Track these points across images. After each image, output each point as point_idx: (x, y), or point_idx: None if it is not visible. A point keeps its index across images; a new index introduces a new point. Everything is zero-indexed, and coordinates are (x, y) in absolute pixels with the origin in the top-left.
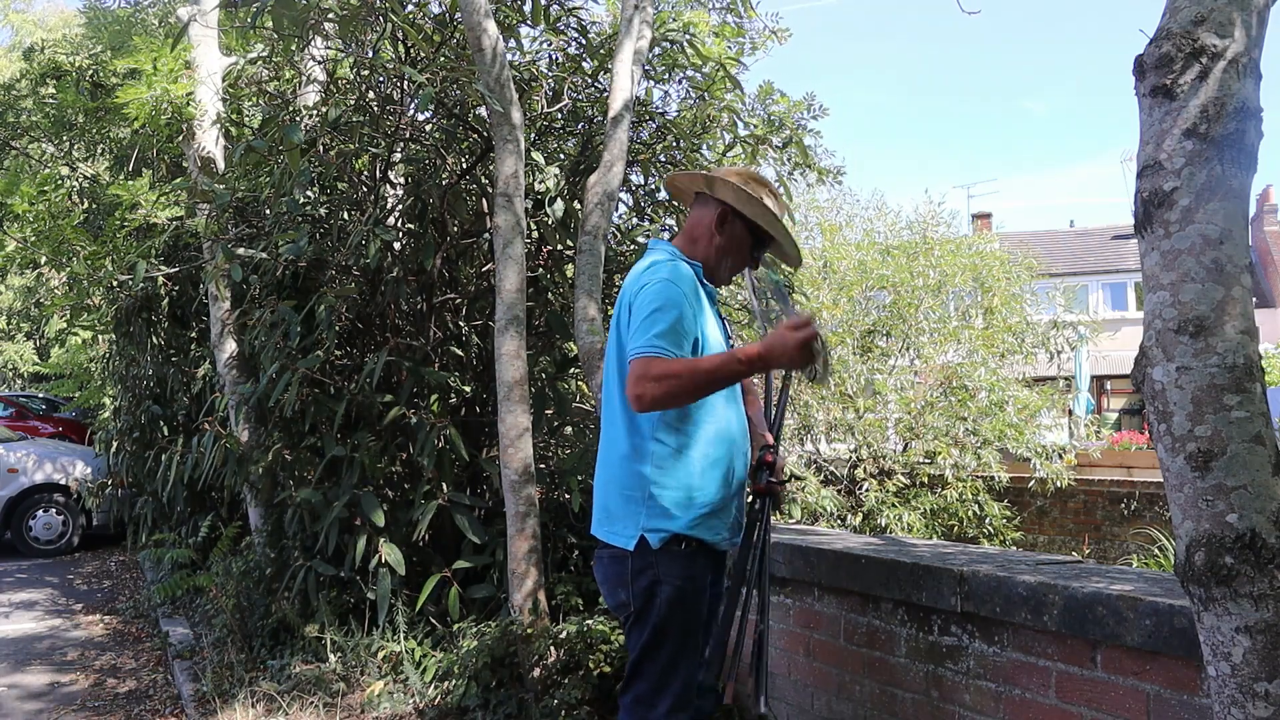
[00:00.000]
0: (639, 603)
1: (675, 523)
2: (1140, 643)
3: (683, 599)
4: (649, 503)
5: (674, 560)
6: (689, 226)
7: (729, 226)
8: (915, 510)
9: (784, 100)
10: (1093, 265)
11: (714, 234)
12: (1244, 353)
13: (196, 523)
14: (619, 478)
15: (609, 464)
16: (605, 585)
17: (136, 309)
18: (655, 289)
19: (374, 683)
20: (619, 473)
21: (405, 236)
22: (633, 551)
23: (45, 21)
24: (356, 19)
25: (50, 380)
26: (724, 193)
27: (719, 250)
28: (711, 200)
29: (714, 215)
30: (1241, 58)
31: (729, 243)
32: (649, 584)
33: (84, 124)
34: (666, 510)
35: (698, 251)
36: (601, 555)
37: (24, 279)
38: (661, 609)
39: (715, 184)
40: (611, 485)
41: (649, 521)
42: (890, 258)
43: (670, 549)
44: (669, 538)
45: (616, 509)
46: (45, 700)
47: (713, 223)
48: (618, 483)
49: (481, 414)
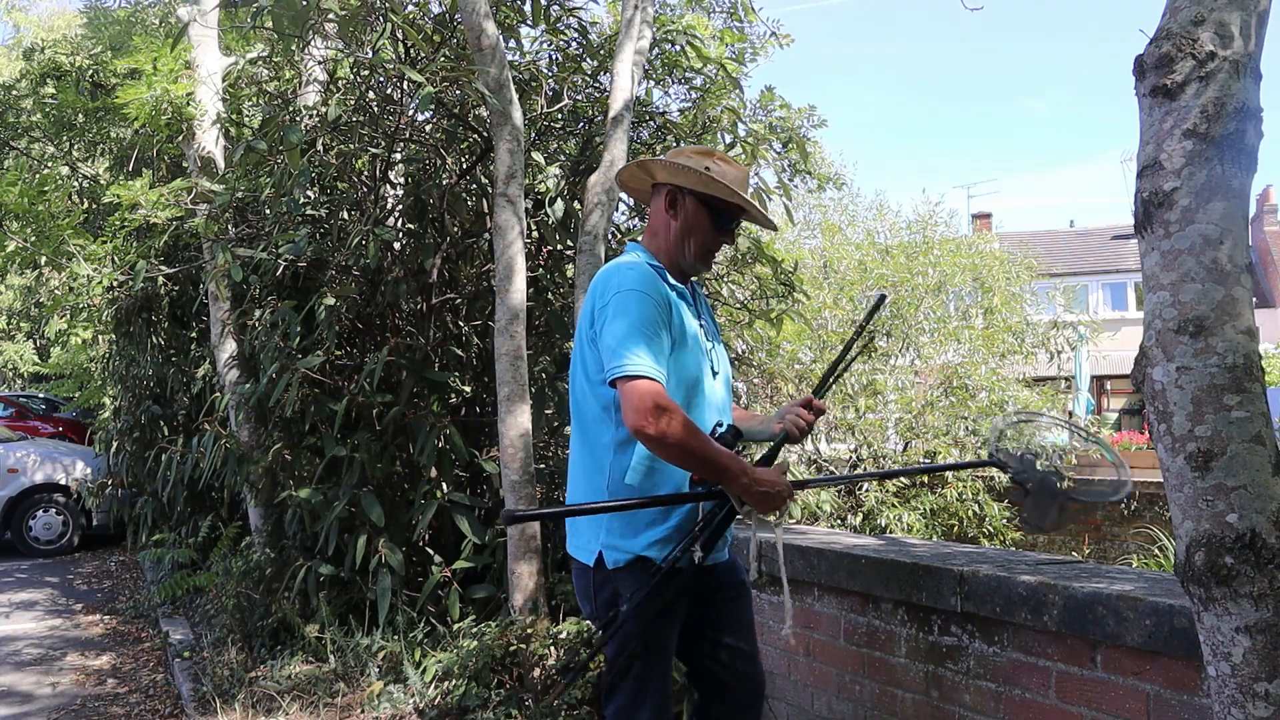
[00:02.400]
0: (603, 617)
1: (634, 543)
2: (1140, 643)
3: (643, 613)
4: (608, 520)
5: (633, 577)
6: (649, 221)
7: (680, 207)
8: (915, 510)
9: (784, 108)
10: (1093, 265)
11: (669, 219)
12: (1244, 353)
13: (196, 523)
14: (581, 490)
15: (573, 474)
16: (577, 595)
17: (136, 309)
18: (619, 300)
19: (374, 683)
20: (581, 484)
21: (405, 236)
22: (592, 567)
23: (46, 21)
24: (356, 19)
25: (50, 380)
26: (661, 173)
27: (679, 235)
28: (658, 185)
29: (663, 199)
30: (1241, 58)
31: (685, 223)
32: (610, 598)
33: (84, 124)
34: (625, 529)
35: (660, 244)
36: (574, 565)
37: (24, 279)
38: (625, 623)
39: (653, 167)
40: (576, 496)
41: (608, 539)
42: (890, 258)
43: (631, 567)
44: (631, 559)
45: (577, 522)
46: (45, 700)
47: (663, 207)
48: (581, 495)
49: (481, 414)
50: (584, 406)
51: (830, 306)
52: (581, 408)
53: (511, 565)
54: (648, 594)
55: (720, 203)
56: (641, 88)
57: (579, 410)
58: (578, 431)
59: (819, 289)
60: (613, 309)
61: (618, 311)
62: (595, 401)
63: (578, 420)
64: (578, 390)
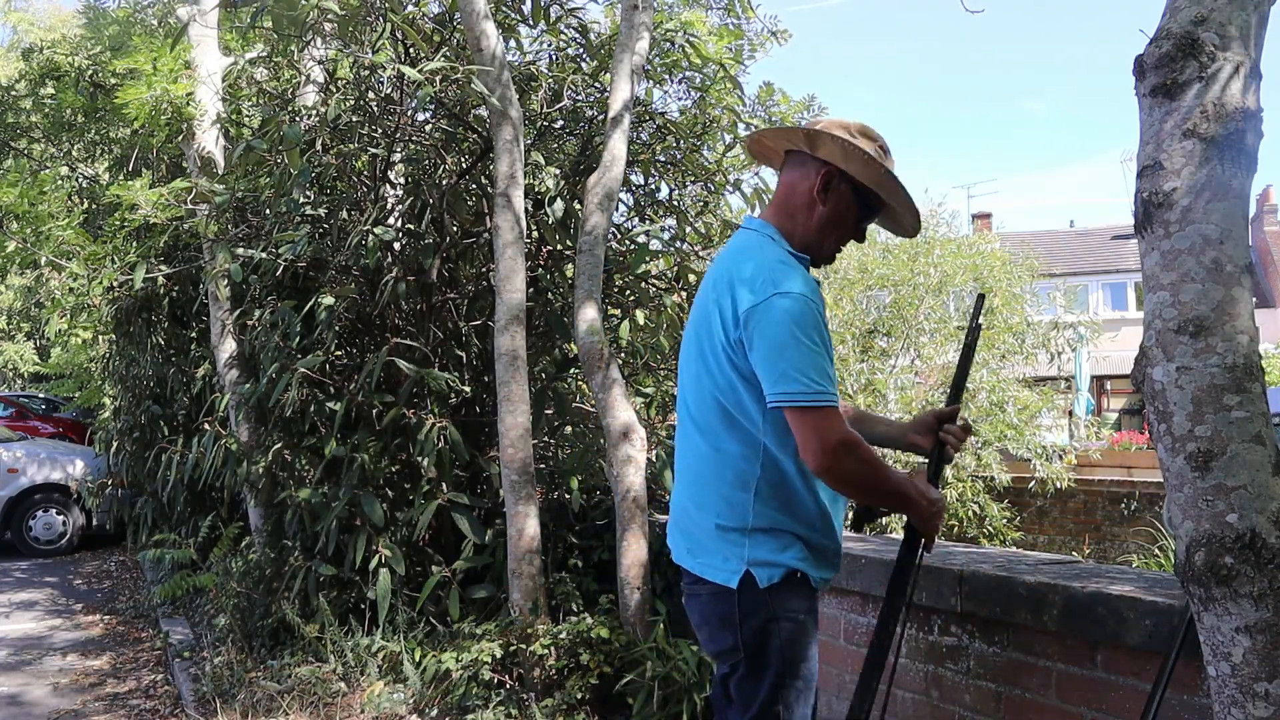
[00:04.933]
0: (752, 645)
1: (784, 557)
2: (1140, 643)
3: (804, 636)
4: (753, 535)
5: (795, 595)
6: (782, 196)
7: (834, 193)
8: None
9: (785, 101)
10: (1093, 265)
11: (815, 203)
12: (1244, 353)
13: (196, 523)
14: (712, 504)
15: (699, 483)
16: (706, 627)
17: (136, 309)
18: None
19: (374, 683)
20: (711, 497)
21: (405, 237)
22: (736, 589)
23: (44, 21)
24: (356, 19)
25: (50, 380)
26: (828, 150)
27: (821, 223)
28: (811, 160)
29: (815, 179)
30: (1242, 58)
31: (833, 213)
32: (763, 624)
33: (84, 124)
34: (774, 543)
35: (797, 228)
36: (698, 592)
37: (24, 279)
38: (783, 651)
39: (818, 139)
40: (707, 510)
41: (754, 553)
42: (891, 257)
43: (790, 583)
44: (786, 573)
45: (698, 536)
46: (45, 700)
47: (814, 188)
48: (713, 508)
49: (481, 414)
50: (712, 413)
51: (831, 307)
52: (709, 413)
53: (511, 565)
54: (807, 610)
55: (875, 198)
56: (641, 88)
57: (704, 413)
58: (702, 436)
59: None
60: (775, 316)
61: (783, 322)
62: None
63: (703, 420)
64: (705, 392)
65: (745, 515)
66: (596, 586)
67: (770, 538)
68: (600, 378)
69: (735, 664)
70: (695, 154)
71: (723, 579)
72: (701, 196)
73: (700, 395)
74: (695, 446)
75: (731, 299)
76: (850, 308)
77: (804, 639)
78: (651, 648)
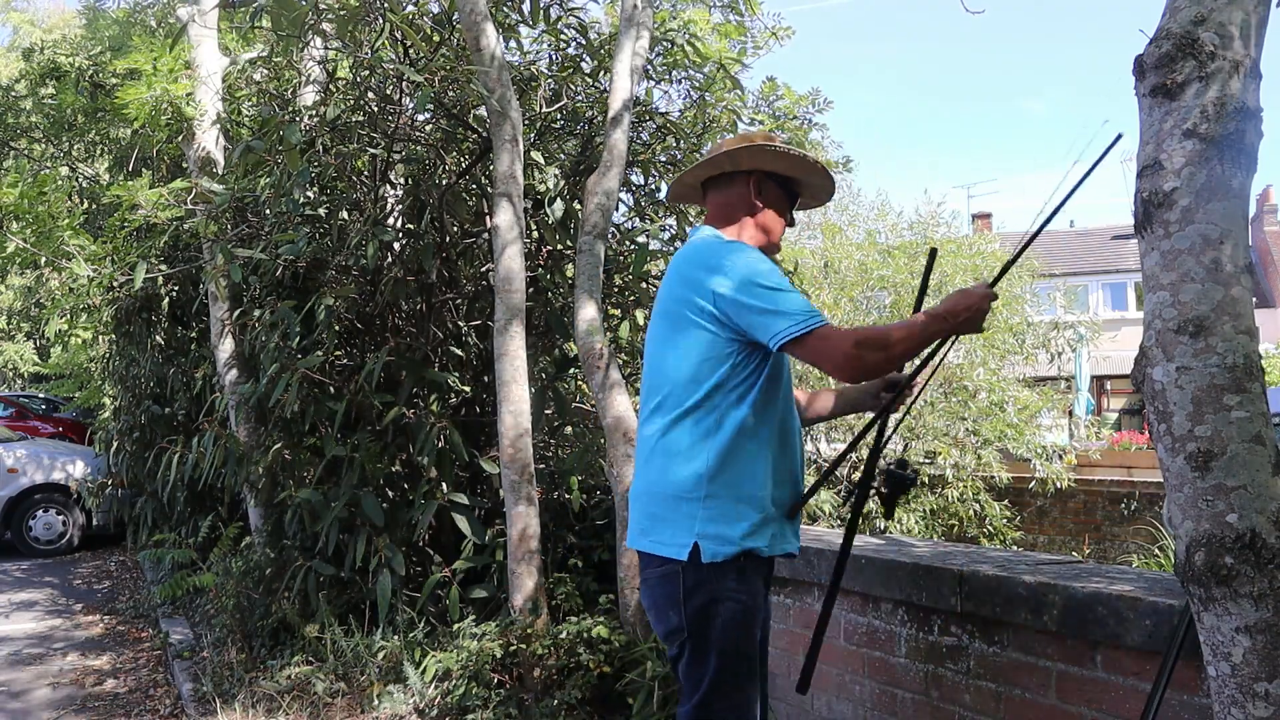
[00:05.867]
0: (693, 626)
1: (733, 531)
2: (1140, 643)
3: (748, 619)
4: (705, 504)
5: (736, 576)
6: (719, 214)
7: (767, 192)
8: (915, 510)
9: (789, 95)
10: (1093, 265)
11: (754, 207)
12: (1244, 353)
13: (196, 523)
14: (668, 477)
15: (653, 462)
16: (654, 610)
17: (136, 309)
18: (753, 261)
19: (374, 683)
20: (667, 471)
21: (404, 237)
22: (684, 563)
23: (46, 21)
24: (355, 19)
25: (50, 380)
26: (751, 159)
27: (767, 224)
28: (737, 176)
29: (748, 188)
30: (1242, 58)
31: (771, 209)
32: (705, 603)
33: (84, 124)
34: (729, 515)
35: (743, 233)
36: (649, 576)
37: (24, 279)
38: (726, 631)
39: (739, 156)
40: (658, 486)
41: (704, 527)
42: (891, 258)
43: (735, 563)
44: (735, 553)
45: (662, 512)
46: (45, 700)
47: (749, 195)
48: (668, 483)
49: (481, 414)
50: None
51: (830, 307)
52: (676, 388)
53: (511, 565)
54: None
55: (795, 183)
56: (641, 87)
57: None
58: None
59: (819, 289)
60: (742, 268)
61: (736, 274)
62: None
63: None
64: (669, 368)
65: (699, 483)
66: (596, 586)
67: (724, 505)
68: (600, 377)
69: (680, 645)
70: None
71: (672, 552)
72: None
73: (659, 374)
74: (654, 424)
75: (696, 279)
76: (850, 308)
77: (748, 621)
78: (651, 648)
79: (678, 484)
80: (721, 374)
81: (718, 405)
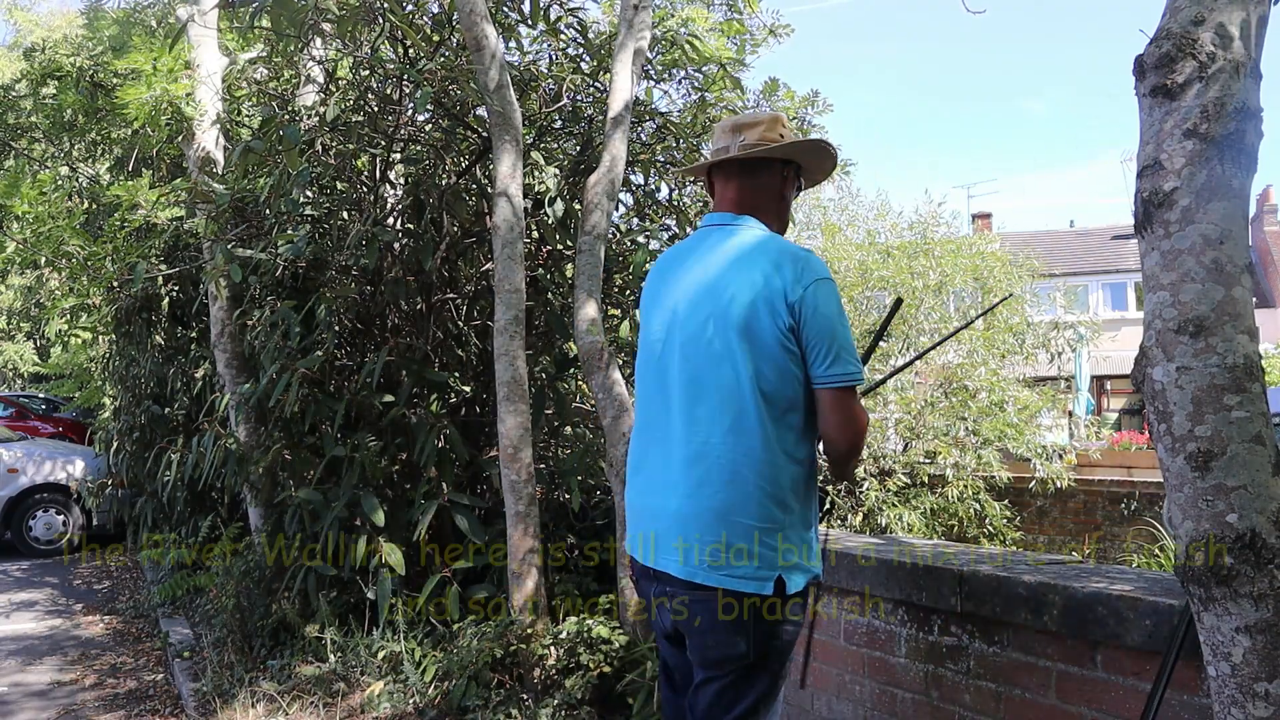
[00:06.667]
0: (758, 652)
1: (811, 556)
2: (1140, 643)
3: (793, 643)
4: (787, 534)
5: (802, 603)
6: (750, 199)
7: (791, 186)
8: (915, 510)
9: (789, 96)
10: (1093, 265)
11: (785, 199)
12: (1244, 353)
13: (196, 523)
14: (744, 504)
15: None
16: (711, 635)
17: (136, 309)
18: (835, 297)
19: (374, 683)
20: (743, 498)
21: (404, 236)
22: (770, 596)
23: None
24: (355, 19)
25: (50, 380)
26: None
27: (781, 218)
28: (773, 165)
29: (779, 180)
30: (1242, 58)
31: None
32: (771, 629)
33: (84, 124)
34: (807, 543)
35: (772, 224)
36: (708, 601)
37: (24, 279)
38: (782, 655)
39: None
40: (734, 513)
41: (788, 558)
42: (891, 259)
43: (805, 590)
44: (810, 578)
45: (738, 541)
46: (45, 700)
47: (783, 189)
48: (746, 510)
49: (481, 414)
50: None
51: None
52: (746, 400)
53: (511, 565)
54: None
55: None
56: (641, 87)
57: (740, 402)
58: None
59: None
60: (824, 299)
61: (831, 304)
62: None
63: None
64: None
65: (785, 510)
66: (596, 586)
67: (801, 533)
68: (600, 377)
69: (733, 670)
70: (695, 154)
71: (753, 588)
72: (701, 196)
73: (726, 383)
74: (706, 440)
75: (780, 289)
76: (850, 309)
77: (792, 646)
78: (651, 648)
79: (760, 512)
80: (799, 391)
81: (794, 426)
